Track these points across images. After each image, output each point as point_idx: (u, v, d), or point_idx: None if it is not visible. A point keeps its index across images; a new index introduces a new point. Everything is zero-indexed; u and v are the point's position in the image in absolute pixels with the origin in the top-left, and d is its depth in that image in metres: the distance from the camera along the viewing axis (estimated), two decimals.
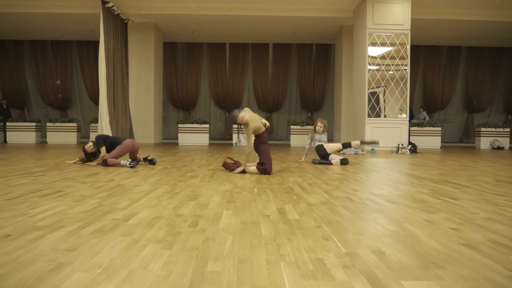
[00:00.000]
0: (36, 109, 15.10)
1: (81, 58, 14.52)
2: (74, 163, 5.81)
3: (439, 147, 12.16)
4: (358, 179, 4.25)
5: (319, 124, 6.34)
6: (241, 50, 14.51)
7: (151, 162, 5.56)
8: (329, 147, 6.16)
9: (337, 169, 5.33)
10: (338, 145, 6.22)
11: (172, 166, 5.41)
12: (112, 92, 9.96)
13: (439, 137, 12.27)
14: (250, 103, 15.20)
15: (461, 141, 15.36)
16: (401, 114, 9.61)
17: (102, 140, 5.64)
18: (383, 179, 4.34)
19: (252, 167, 4.59)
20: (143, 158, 5.72)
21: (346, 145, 6.25)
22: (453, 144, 14.64)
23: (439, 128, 12.29)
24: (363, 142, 6.45)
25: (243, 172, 4.60)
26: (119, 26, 10.43)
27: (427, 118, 13.32)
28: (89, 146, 5.75)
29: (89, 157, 5.78)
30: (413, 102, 14.32)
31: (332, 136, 14.49)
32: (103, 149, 5.56)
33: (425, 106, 14.48)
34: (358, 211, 2.55)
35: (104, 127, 9.45)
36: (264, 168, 4.51)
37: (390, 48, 9.49)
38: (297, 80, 14.85)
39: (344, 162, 5.98)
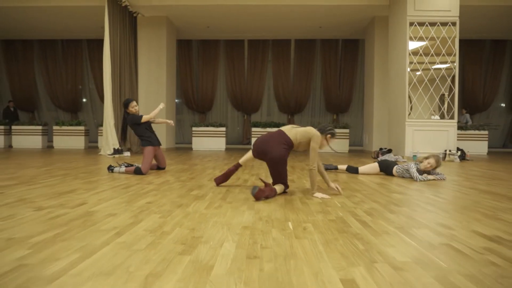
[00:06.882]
0: (46, 112, 14.36)
1: (91, 58, 13.70)
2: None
3: (485, 153, 10.68)
4: (432, 202, 3.02)
5: None
6: (261, 47, 13.39)
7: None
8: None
9: (392, 185, 4.10)
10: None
11: (176, 179, 4.30)
12: (119, 92, 9.00)
13: (486, 142, 10.78)
14: (270, 105, 14.05)
15: (504, 146, 13.73)
16: (434, 116, 8.28)
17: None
18: (470, 201, 3.10)
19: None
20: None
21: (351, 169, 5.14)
22: (498, 150, 13.03)
23: (486, 132, 10.80)
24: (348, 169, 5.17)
25: (281, 192, 3.34)
26: (127, 20, 9.49)
27: (470, 122, 11.82)
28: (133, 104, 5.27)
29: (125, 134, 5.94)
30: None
31: (361, 141, 13.19)
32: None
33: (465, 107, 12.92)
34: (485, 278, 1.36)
35: (108, 130, 8.48)
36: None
37: (432, 41, 8.18)
38: (321, 79, 13.59)
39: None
